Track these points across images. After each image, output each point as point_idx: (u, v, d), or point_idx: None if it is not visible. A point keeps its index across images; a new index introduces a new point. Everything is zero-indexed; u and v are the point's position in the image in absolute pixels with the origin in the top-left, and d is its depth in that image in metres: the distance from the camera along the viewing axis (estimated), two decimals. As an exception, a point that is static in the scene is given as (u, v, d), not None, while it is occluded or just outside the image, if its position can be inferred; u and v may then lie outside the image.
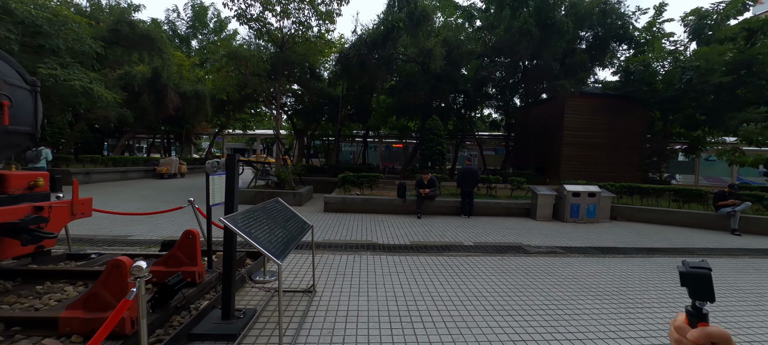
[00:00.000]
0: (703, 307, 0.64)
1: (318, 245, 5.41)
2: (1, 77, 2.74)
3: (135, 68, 16.37)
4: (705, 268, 0.66)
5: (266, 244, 2.24)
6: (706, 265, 0.67)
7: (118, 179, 15.23)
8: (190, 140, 28.29)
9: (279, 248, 2.33)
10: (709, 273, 0.65)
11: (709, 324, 0.62)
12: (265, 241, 2.28)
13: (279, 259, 2.16)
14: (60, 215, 3.20)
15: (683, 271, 0.66)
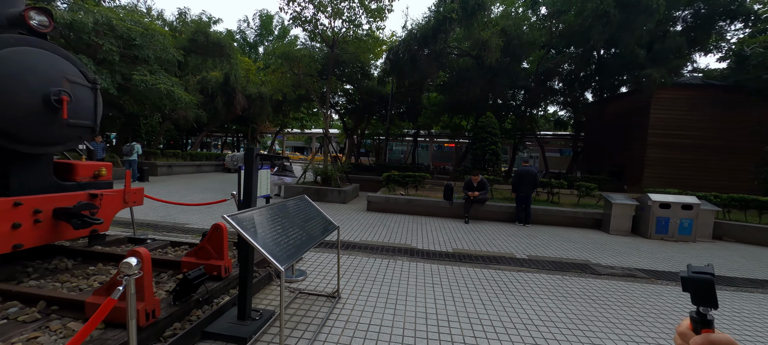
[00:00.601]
0: (707, 314, 0.62)
1: (352, 246, 5.21)
2: (65, 75, 3.02)
3: (210, 74, 18.33)
4: (708, 274, 0.63)
5: (272, 246, 2.03)
6: (711, 270, 0.64)
7: (194, 172, 17.18)
8: (255, 138, 30.93)
9: (287, 251, 2.11)
10: (711, 279, 0.62)
11: (714, 330, 0.60)
12: (271, 242, 2.07)
13: (283, 264, 1.93)
14: (112, 203, 3.46)
15: (685, 276, 0.64)
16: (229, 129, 28.33)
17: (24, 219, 2.68)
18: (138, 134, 18.34)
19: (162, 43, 13.24)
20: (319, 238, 2.72)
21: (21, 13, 2.83)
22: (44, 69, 2.84)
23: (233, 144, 30.58)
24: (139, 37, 12.20)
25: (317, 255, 4.58)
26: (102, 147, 12.00)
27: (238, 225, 1.95)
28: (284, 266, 1.93)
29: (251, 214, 2.23)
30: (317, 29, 11.88)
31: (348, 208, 8.89)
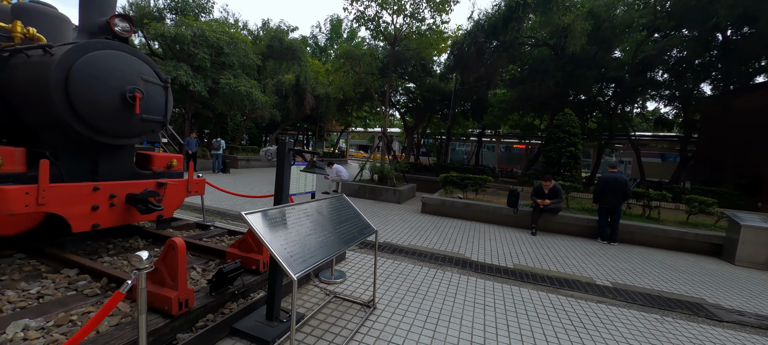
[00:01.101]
0: None
1: (399, 250, 4.91)
2: (140, 75, 3.35)
3: (284, 76, 19.97)
4: None
5: (290, 247, 1.84)
6: None
7: (268, 166, 18.91)
8: (322, 136, 32.86)
9: (306, 255, 1.91)
10: None
11: None
12: (291, 244, 1.89)
13: (295, 270, 1.73)
14: (177, 191, 3.77)
15: None
16: (300, 127, 30.61)
17: (101, 202, 3.03)
18: (225, 131, 20.96)
19: (244, 50, 14.77)
20: (351, 242, 2.48)
21: (108, 21, 3.23)
22: (123, 69, 3.19)
23: (303, 141, 32.98)
24: (226, 45, 13.80)
25: (361, 256, 4.40)
26: (195, 142, 13.92)
27: (253, 222, 1.82)
28: (297, 274, 1.72)
29: (277, 211, 2.09)
30: (380, 27, 11.86)
31: (402, 208, 8.62)
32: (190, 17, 14.09)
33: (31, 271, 2.81)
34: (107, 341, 1.91)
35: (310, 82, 20.13)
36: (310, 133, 32.60)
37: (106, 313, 1.44)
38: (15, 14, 3.77)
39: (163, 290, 2.27)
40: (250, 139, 29.25)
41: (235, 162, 16.17)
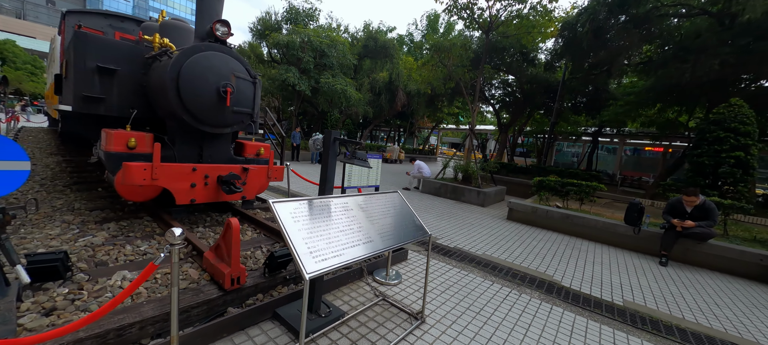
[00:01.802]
0: None
1: (469, 258, 4.35)
2: (233, 72, 3.81)
3: (378, 75, 20.80)
4: None
5: (308, 243, 1.70)
6: None
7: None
8: (413, 133, 33.09)
9: (328, 253, 1.74)
10: None
11: None
12: (313, 238, 1.75)
13: (310, 268, 1.57)
14: (258, 176, 4.18)
15: None
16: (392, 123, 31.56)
17: (198, 181, 3.56)
18: (325, 126, 23.20)
19: (342, 51, 15.93)
20: (396, 245, 2.21)
21: (211, 26, 3.76)
22: (219, 67, 3.67)
23: (395, 138, 33.92)
24: (327, 48, 15.14)
25: (425, 260, 4.07)
26: (299, 135, 15.79)
27: (280, 212, 1.74)
28: (312, 272, 1.57)
29: (308, 202, 1.99)
30: (474, 15, 10.99)
31: (484, 212, 7.80)
32: (300, 25, 15.98)
33: (148, 232, 3.52)
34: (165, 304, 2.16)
35: (402, 79, 20.41)
36: (401, 130, 33.29)
37: (143, 279, 1.58)
38: (161, 29, 4.83)
39: (220, 265, 2.47)
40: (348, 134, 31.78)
41: (331, 154, 17.71)
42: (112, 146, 3.30)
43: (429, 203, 8.09)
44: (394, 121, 30.72)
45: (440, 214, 6.98)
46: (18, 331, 1.78)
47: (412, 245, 4.56)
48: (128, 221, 3.77)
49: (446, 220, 6.48)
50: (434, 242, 4.88)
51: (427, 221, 6.13)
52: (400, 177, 13.09)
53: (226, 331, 2.17)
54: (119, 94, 3.91)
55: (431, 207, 7.63)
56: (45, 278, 2.23)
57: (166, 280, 2.55)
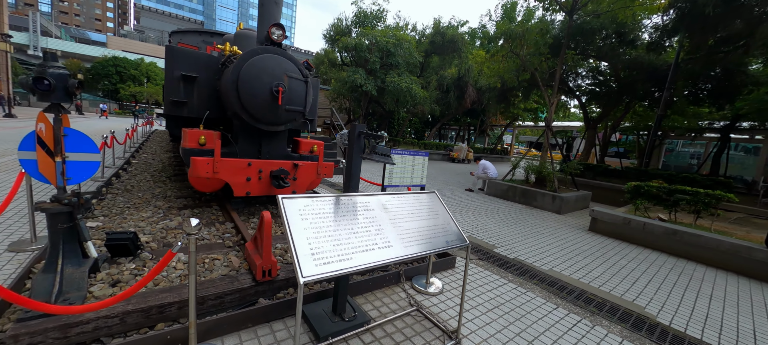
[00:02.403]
0: None
1: (532, 274, 3.74)
2: (285, 72, 3.99)
3: (447, 71, 20.11)
4: None
5: (312, 244, 1.58)
6: None
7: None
8: (485, 131, 31.12)
9: (334, 257, 1.58)
10: None
11: None
12: (319, 239, 1.62)
13: (307, 272, 1.44)
14: (308, 172, 4.30)
15: None
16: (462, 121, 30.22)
17: (252, 175, 3.82)
18: (391, 126, 23.46)
19: (408, 50, 15.82)
20: (422, 252, 1.95)
21: (268, 30, 4.00)
22: (273, 69, 3.87)
23: (464, 136, 32.44)
24: (392, 47, 15.21)
25: (478, 271, 3.64)
26: (365, 134, 16.26)
27: (287, 208, 1.66)
28: (309, 276, 1.43)
29: (327, 200, 1.87)
30: (554, -5, 9.64)
31: (560, 221, 6.75)
32: (367, 27, 16.41)
33: (212, 219, 3.92)
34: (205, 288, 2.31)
35: (472, 75, 19.34)
36: (472, 128, 31.66)
37: (162, 267, 1.67)
38: (235, 39, 5.40)
39: (255, 256, 2.55)
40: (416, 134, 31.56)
41: (396, 153, 17.79)
42: (187, 143, 3.76)
43: (492, 207, 7.38)
44: (463, 119, 29.42)
45: (504, 219, 6.28)
46: (87, 298, 2.09)
47: (464, 252, 4.15)
48: (200, 209, 4.27)
49: (510, 226, 5.78)
50: (490, 251, 4.36)
51: (486, 227, 5.56)
52: (465, 177, 12.36)
53: (252, 322, 2.21)
54: (198, 97, 4.46)
55: (494, 211, 6.94)
56: (119, 254, 2.61)
57: (211, 265, 2.76)
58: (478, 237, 4.95)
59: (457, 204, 7.25)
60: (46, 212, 2.00)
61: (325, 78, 23.29)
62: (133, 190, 5.14)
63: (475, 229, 5.38)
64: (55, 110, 1.96)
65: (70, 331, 1.83)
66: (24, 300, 1.57)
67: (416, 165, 3.74)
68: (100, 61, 40.74)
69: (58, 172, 2.01)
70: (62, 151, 2.01)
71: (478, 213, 6.60)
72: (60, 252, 2.06)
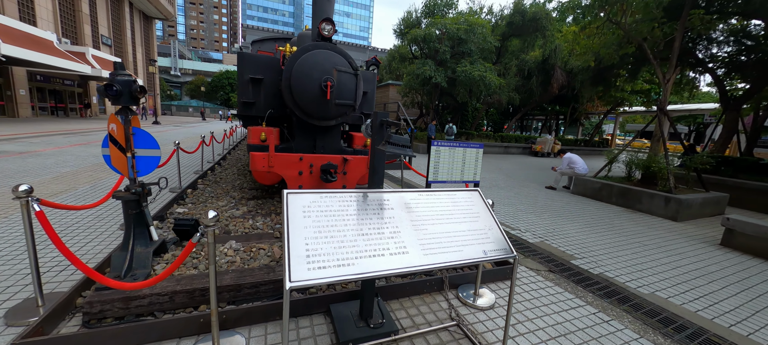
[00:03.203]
0: None
1: (624, 300, 2.94)
2: (335, 66, 3.98)
3: (529, 54, 17.99)
4: None
5: (309, 244, 1.43)
6: None
7: (500, 153, 18.13)
8: (578, 120, 26.95)
9: (333, 261, 1.40)
10: None
11: None
12: (320, 239, 1.46)
13: (295, 276, 1.30)
14: (358, 167, 4.24)
15: None
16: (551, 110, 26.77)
17: (304, 169, 3.94)
18: (465, 118, 22.18)
19: (482, 35, 14.64)
20: (448, 262, 1.63)
21: (318, 26, 4.05)
22: (323, 63, 3.90)
23: (551, 126, 28.72)
24: (464, 34, 14.27)
25: (549, 288, 3.05)
26: (434, 128, 15.71)
27: (290, 204, 1.55)
28: (296, 282, 1.29)
29: (337, 196, 1.71)
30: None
31: (675, 229, 5.28)
32: (437, 16, 15.74)
33: (271, 210, 4.19)
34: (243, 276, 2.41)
35: (560, 56, 16.89)
36: (561, 117, 27.80)
37: (184, 257, 1.75)
38: (298, 40, 5.69)
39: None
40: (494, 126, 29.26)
41: (468, 147, 16.75)
42: (250, 139, 4.09)
43: (578, 208, 6.22)
44: (551, 107, 26.01)
45: (590, 224, 5.21)
46: (151, 274, 2.39)
47: (533, 260, 3.54)
48: (263, 200, 4.64)
49: (598, 233, 4.76)
50: (566, 262, 3.62)
51: (565, 232, 4.68)
52: (547, 173, 10.86)
53: (279, 315, 2.22)
54: (264, 97, 4.82)
55: (579, 213, 5.83)
56: (185, 238, 2.95)
57: (257, 253, 2.90)
58: (552, 243, 4.18)
59: (531, 203, 6.35)
60: (121, 199, 2.34)
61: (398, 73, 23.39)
62: (220, 182, 5.91)
63: (549, 233, 4.58)
64: (125, 112, 2.26)
65: (130, 303, 2.10)
66: (94, 273, 1.83)
67: (468, 159, 3.29)
68: (217, 75, 49.22)
69: (129, 165, 2.33)
70: (132, 148, 2.33)
71: (557, 215, 5.63)
72: (132, 234, 2.39)
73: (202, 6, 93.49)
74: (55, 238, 1.97)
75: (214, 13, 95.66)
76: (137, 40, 31.53)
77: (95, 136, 12.07)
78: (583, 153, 21.66)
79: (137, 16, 31.77)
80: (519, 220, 5.14)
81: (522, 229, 4.68)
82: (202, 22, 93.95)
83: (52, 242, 2.05)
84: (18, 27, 14.47)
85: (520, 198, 6.79)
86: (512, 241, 4.11)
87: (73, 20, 22.36)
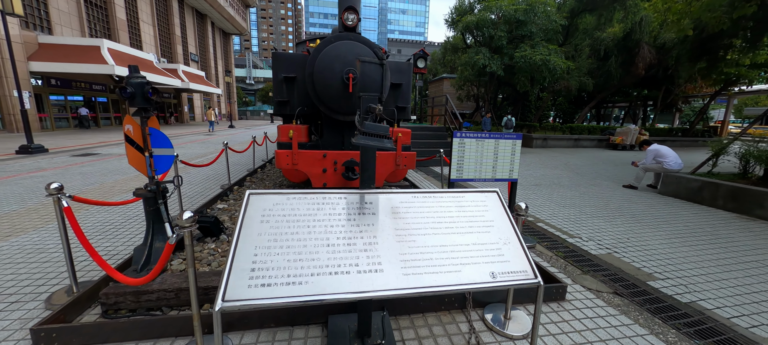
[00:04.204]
0: None
1: (724, 341, 2.14)
2: (358, 57, 3.76)
3: (606, 31, 15.51)
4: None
5: (258, 256, 1.20)
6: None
7: (570, 146, 16.02)
8: (674, 106, 22.47)
9: (283, 277, 1.16)
10: None
11: None
12: (272, 251, 1.23)
13: (229, 295, 1.08)
14: (385, 164, 3.97)
15: None
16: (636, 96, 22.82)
17: (328, 166, 3.81)
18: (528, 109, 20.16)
19: (544, 13, 13.04)
20: (436, 288, 1.27)
21: (340, 17, 3.86)
22: (345, 55, 3.71)
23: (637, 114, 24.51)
24: (522, 15, 12.87)
25: (607, 313, 2.41)
26: (489, 121, 14.56)
27: (250, 206, 1.35)
28: (225, 303, 1.07)
29: (308, 198, 1.47)
30: None
31: (820, 245, 3.86)
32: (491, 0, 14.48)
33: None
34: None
35: (646, 29, 14.21)
36: (651, 103, 23.52)
37: (165, 260, 1.69)
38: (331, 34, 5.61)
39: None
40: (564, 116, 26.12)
41: (530, 141, 15.17)
42: (279, 137, 4.12)
43: (665, 213, 5.01)
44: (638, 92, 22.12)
45: (682, 233, 4.11)
46: (167, 270, 2.46)
47: (593, 277, 2.86)
48: (295, 198, 4.65)
49: (693, 246, 3.71)
50: (640, 284, 2.84)
51: (643, 243, 3.75)
52: (626, 169, 9.17)
53: (275, 322, 2.08)
54: (297, 96, 4.85)
55: (667, 220, 4.68)
56: (206, 234, 3.03)
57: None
58: (622, 257, 3.36)
59: (601, 205, 5.32)
60: (142, 197, 2.46)
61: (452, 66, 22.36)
62: (264, 179, 6.20)
63: (621, 243, 3.71)
64: (141, 113, 2.36)
65: (141, 297, 2.17)
66: (107, 267, 1.91)
67: (502, 152, 2.74)
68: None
69: (147, 164, 2.43)
70: (149, 147, 2.42)
71: (635, 220, 4.59)
72: (151, 229, 2.50)
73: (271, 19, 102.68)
74: (79, 233, 2.11)
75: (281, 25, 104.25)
76: (218, 54, 35.88)
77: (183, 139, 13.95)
78: (679, 145, 18.00)
79: (218, 33, 36.13)
80: (581, 226, 4.31)
81: (583, 238, 3.88)
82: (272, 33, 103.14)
83: (77, 237, 2.22)
84: (127, 51, 17.47)
85: (586, 198, 5.77)
86: (568, 251, 3.42)
87: (168, 42, 26.33)
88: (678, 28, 7.99)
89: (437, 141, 10.09)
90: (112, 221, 3.86)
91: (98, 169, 7.09)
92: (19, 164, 7.41)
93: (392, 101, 4.70)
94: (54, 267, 2.74)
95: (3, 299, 2.29)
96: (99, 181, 5.92)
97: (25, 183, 5.66)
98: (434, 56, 27.20)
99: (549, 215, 4.74)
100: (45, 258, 2.91)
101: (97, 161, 8.03)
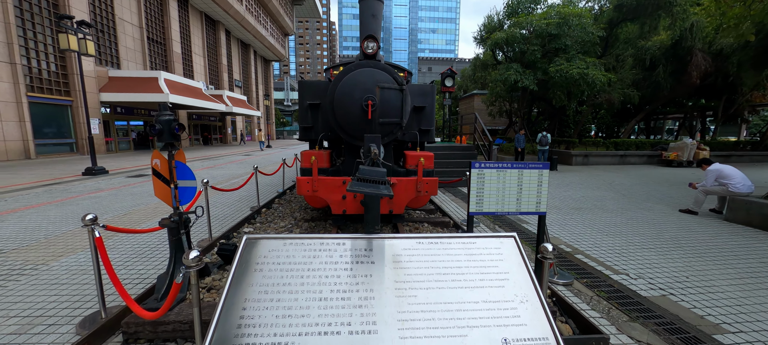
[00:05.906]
0: None
1: None
2: (377, 84, 3.75)
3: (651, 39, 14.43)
4: None
5: (245, 311, 1.14)
6: None
7: (615, 163, 14.79)
8: (738, 116, 20.03)
9: (264, 336, 1.08)
10: None
11: None
12: (260, 306, 1.17)
13: (213, 356, 1.02)
14: (406, 189, 3.85)
15: None
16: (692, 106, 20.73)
17: (348, 193, 3.78)
18: (566, 124, 19.05)
19: (580, 26, 12.45)
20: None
21: (361, 45, 3.91)
22: (365, 82, 3.73)
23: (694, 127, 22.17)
24: (555, 28, 12.39)
25: (645, 369, 2.05)
26: (523, 138, 13.91)
27: (242, 251, 1.32)
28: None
29: (306, 243, 1.41)
30: None
31: None
32: (521, 15, 14.15)
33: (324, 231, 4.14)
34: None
35: (699, 34, 13.00)
36: (708, 114, 21.20)
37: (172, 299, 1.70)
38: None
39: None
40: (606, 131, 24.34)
41: (568, 158, 14.24)
42: (302, 163, 4.19)
43: (734, 245, 4.33)
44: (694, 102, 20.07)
45: (756, 271, 3.50)
46: (185, 299, 2.52)
47: (644, 326, 2.49)
48: (316, 224, 4.67)
49: (772, 289, 3.12)
50: (706, 339, 2.41)
51: (708, 283, 3.23)
52: (682, 191, 8.19)
53: (282, 364, 2.00)
54: (322, 122, 4.95)
55: (737, 253, 4.02)
56: (228, 262, 3.09)
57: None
58: (681, 301, 2.90)
59: (653, 235, 4.73)
60: (167, 227, 2.57)
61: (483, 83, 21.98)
62: (292, 201, 6.33)
63: (678, 283, 3.22)
64: (168, 148, 2.50)
65: (158, 327, 2.23)
66: (126, 296, 1.99)
67: (528, 183, 2.49)
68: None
69: (172, 195, 2.55)
70: (174, 179, 2.55)
71: (695, 253, 4.00)
72: (173, 259, 2.59)
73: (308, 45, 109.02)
74: (106, 263, 2.24)
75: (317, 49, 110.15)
76: (259, 79, 38.55)
77: (223, 160, 14.90)
78: (748, 160, 15.88)
79: (259, 61, 38.95)
80: (629, 259, 3.83)
81: (631, 275, 3.43)
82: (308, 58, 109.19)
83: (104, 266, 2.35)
84: (179, 80, 19.31)
85: (635, 225, 5.18)
86: (612, 291, 3.04)
87: (216, 70, 28.80)
88: (737, 34, 7.16)
89: (466, 160, 9.78)
90: (149, 244, 4.11)
91: (148, 189, 7.71)
92: (83, 185, 8.30)
93: (415, 124, 4.62)
94: (91, 289, 2.93)
95: (42, 321, 2.47)
96: (145, 202, 6.41)
97: (83, 204, 6.29)
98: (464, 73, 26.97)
99: (590, 245, 4.29)
100: (86, 280, 3.12)
101: (148, 182, 8.77)
